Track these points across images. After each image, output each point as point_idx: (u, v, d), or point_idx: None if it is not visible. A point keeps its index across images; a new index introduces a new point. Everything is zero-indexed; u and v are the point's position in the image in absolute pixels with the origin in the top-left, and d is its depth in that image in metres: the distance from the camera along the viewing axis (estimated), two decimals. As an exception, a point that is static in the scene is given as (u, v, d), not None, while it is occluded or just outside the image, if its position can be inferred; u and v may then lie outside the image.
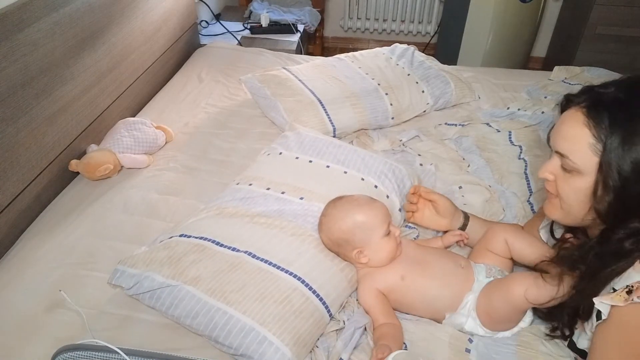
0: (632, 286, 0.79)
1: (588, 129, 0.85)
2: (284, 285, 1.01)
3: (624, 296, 0.79)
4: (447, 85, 1.85)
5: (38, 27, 1.27)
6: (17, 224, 1.28)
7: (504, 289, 0.99)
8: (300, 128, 1.52)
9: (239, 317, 0.96)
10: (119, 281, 1.07)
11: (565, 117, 0.91)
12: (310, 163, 1.36)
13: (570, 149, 0.88)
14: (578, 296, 0.89)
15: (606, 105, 0.85)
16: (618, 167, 0.82)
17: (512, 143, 1.62)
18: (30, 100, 1.27)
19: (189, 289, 1.01)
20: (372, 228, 1.07)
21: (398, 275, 1.07)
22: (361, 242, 1.08)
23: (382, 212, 1.10)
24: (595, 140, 0.84)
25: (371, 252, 1.08)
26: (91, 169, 1.42)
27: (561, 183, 0.92)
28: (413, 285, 1.07)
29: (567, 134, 0.89)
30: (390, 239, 1.08)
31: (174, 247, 1.10)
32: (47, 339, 1.00)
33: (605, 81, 0.92)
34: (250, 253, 1.07)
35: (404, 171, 1.36)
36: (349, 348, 0.98)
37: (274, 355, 0.92)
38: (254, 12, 2.76)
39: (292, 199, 1.23)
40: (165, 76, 2.05)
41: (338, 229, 1.09)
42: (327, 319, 1.02)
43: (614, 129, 0.83)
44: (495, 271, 1.07)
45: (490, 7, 2.77)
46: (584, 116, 0.86)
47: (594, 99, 0.88)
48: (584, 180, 0.87)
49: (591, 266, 0.87)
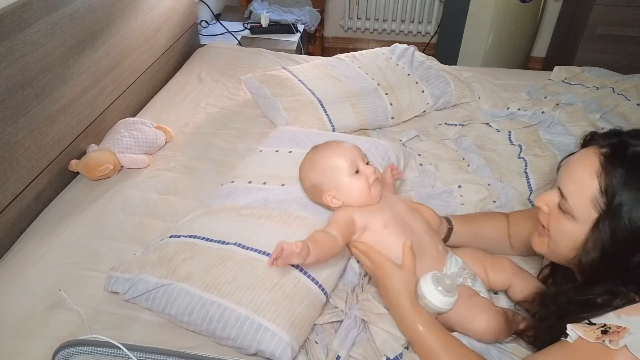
0: (610, 328, 0.75)
1: (597, 179, 0.79)
2: (274, 271, 1.01)
3: (598, 334, 0.75)
4: (447, 85, 1.85)
5: (38, 27, 1.27)
6: (17, 224, 1.28)
7: (469, 316, 0.96)
8: (283, 127, 1.54)
9: (233, 308, 0.96)
10: (114, 287, 1.08)
11: (580, 156, 0.84)
12: (290, 153, 1.39)
13: (573, 193, 0.83)
14: (545, 333, 0.87)
15: (626, 160, 0.78)
16: (613, 232, 0.78)
17: (511, 143, 1.62)
18: (30, 100, 1.27)
19: (183, 286, 1.01)
20: (335, 167, 1.06)
21: (381, 221, 1.04)
22: (329, 185, 1.07)
23: (347, 152, 1.07)
24: (600, 195, 0.79)
25: (342, 193, 1.06)
26: (91, 169, 1.42)
27: (553, 220, 0.88)
28: (388, 237, 1.03)
29: (575, 176, 0.83)
30: (360, 177, 1.05)
31: (165, 248, 1.11)
32: (47, 339, 1.00)
33: (635, 129, 0.84)
34: (239, 244, 1.08)
35: (387, 145, 1.39)
36: (346, 345, 0.98)
37: (271, 340, 0.93)
38: (254, 12, 2.76)
39: (274, 188, 1.25)
40: (165, 76, 2.05)
41: (305, 176, 1.11)
42: (322, 297, 1.03)
43: (624, 189, 0.77)
44: (468, 274, 1.03)
45: (490, 7, 2.77)
46: (599, 163, 0.80)
47: (617, 147, 0.80)
48: (576, 228, 0.83)
49: (561, 310, 0.85)
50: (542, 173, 1.46)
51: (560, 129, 1.65)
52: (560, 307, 0.86)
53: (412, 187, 1.43)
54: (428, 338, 0.90)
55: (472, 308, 0.97)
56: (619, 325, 0.75)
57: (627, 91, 1.86)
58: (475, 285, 1.03)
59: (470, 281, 1.03)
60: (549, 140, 1.60)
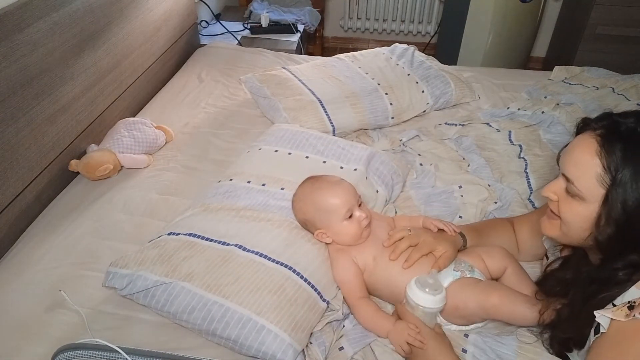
0: (634, 302, 0.78)
1: (599, 158, 0.83)
2: (277, 275, 1.02)
3: (626, 311, 0.78)
4: (447, 85, 1.85)
5: (38, 27, 1.27)
6: (17, 224, 1.28)
7: (482, 294, 0.99)
8: (282, 125, 1.54)
9: (235, 309, 0.97)
10: (112, 282, 1.08)
11: (578, 141, 0.88)
12: (290, 155, 1.39)
13: (577, 175, 0.86)
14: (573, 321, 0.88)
15: (622, 136, 0.83)
16: (623, 202, 0.81)
17: (511, 142, 1.62)
18: (30, 100, 1.27)
19: (184, 285, 1.01)
20: (331, 211, 1.06)
21: (371, 255, 1.07)
22: (321, 223, 1.08)
23: (344, 195, 1.07)
24: (604, 172, 0.82)
25: (333, 234, 1.08)
26: (91, 169, 1.42)
27: (563, 206, 0.91)
28: (381, 266, 1.06)
29: (577, 159, 0.87)
30: (353, 222, 1.06)
31: (164, 246, 1.11)
32: (47, 339, 1.00)
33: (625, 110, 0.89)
34: (241, 246, 1.08)
35: (392, 163, 1.42)
36: (356, 346, 0.99)
37: (273, 341, 0.93)
38: (254, 12, 2.76)
39: (273, 191, 1.25)
40: (165, 76, 2.05)
41: (299, 209, 1.11)
42: (322, 304, 1.04)
43: (625, 162, 0.81)
44: (465, 266, 1.05)
45: (490, 7, 2.77)
46: (597, 144, 0.84)
47: (611, 127, 0.85)
48: (587, 208, 0.86)
49: (585, 292, 0.87)
50: (542, 173, 1.46)
51: (560, 129, 1.65)
52: (584, 289, 0.88)
53: (412, 188, 1.43)
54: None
55: (481, 291, 1.00)
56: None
57: (627, 91, 1.86)
58: (474, 275, 1.05)
59: (468, 273, 1.04)
60: (549, 140, 1.60)
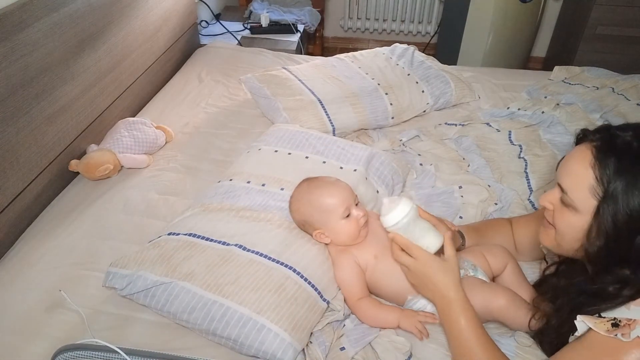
0: (621, 321, 0.78)
1: (592, 170, 0.84)
2: (277, 275, 1.02)
3: (608, 327, 0.78)
4: (447, 85, 1.85)
5: (38, 27, 1.27)
6: (17, 224, 1.28)
7: (489, 294, 1.00)
8: (282, 125, 1.54)
9: (235, 308, 0.97)
10: (112, 283, 1.08)
11: (575, 152, 0.89)
12: (289, 155, 1.39)
13: (571, 186, 0.87)
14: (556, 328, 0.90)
15: (617, 149, 0.83)
16: (614, 215, 0.82)
17: (511, 142, 1.61)
18: (30, 100, 1.27)
19: (184, 285, 1.01)
20: (328, 210, 1.07)
21: (372, 254, 1.07)
22: (319, 223, 1.08)
23: (341, 194, 1.08)
24: (597, 184, 0.83)
25: (331, 233, 1.08)
26: (91, 169, 1.42)
27: (558, 215, 0.92)
28: (383, 265, 1.06)
29: (571, 170, 0.88)
30: (351, 221, 1.06)
31: (164, 246, 1.11)
32: (47, 339, 1.00)
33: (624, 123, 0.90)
34: (241, 246, 1.08)
35: (393, 164, 1.42)
36: (357, 345, 0.99)
37: (273, 341, 0.93)
38: (254, 12, 2.76)
39: (273, 191, 1.25)
40: (165, 76, 2.05)
41: (297, 210, 1.11)
42: (322, 304, 1.03)
43: (618, 175, 0.81)
44: (468, 264, 1.06)
45: (490, 7, 2.77)
46: (592, 156, 0.85)
47: (607, 139, 0.86)
48: (579, 219, 0.87)
49: (573, 302, 0.88)
50: (542, 173, 1.46)
51: (560, 129, 1.65)
52: (572, 299, 0.89)
53: (412, 188, 1.43)
54: (468, 332, 0.92)
55: (487, 291, 1.01)
56: (629, 318, 0.78)
57: (627, 91, 1.86)
58: (477, 274, 1.05)
59: (471, 271, 1.05)
60: (549, 140, 1.60)
